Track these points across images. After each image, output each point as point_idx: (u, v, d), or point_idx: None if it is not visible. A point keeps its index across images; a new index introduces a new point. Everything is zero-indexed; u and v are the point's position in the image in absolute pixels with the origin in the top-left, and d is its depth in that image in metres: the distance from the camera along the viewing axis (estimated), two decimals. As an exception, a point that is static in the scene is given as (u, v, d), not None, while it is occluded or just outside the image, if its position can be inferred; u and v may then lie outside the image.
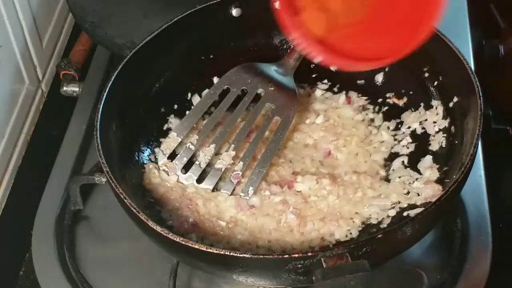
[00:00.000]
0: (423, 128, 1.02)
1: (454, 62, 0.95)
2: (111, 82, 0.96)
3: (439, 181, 0.94)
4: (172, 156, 1.02)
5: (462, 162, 0.87)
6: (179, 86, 1.09)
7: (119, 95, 0.98)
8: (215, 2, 1.08)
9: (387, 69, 1.08)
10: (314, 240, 0.92)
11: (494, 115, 1.14)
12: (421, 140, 1.01)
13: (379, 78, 1.10)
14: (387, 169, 1.00)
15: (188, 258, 0.85)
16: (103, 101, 0.94)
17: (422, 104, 1.04)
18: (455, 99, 0.98)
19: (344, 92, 1.10)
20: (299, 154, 1.04)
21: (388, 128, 1.05)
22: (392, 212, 0.93)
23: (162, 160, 1.02)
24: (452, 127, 0.98)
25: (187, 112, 1.06)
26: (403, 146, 1.02)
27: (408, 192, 0.95)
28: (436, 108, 1.02)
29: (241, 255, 0.77)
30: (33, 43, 1.21)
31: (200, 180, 1.00)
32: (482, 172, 1.04)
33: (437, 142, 0.99)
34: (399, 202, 0.94)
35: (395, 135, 1.04)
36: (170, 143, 1.03)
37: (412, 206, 0.92)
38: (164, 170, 1.00)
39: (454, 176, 0.84)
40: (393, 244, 0.82)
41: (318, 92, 1.11)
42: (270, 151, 1.00)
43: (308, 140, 1.05)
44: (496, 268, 0.94)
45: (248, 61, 1.08)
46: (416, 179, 0.96)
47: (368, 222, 0.93)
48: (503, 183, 1.13)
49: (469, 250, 0.96)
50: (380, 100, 1.08)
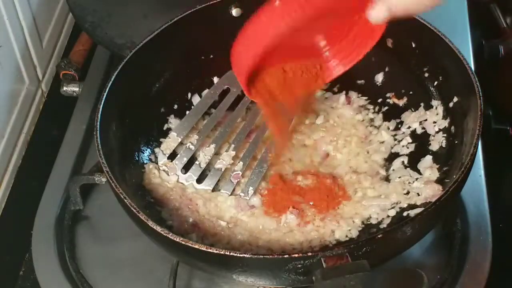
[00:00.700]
0: (423, 128, 1.02)
1: (454, 62, 0.95)
2: (111, 82, 0.96)
3: (439, 181, 0.94)
4: (172, 156, 1.02)
5: (462, 162, 0.87)
6: (179, 86, 1.09)
7: (119, 95, 0.98)
8: (215, 2, 1.08)
9: (387, 69, 1.08)
10: (314, 240, 0.92)
11: (494, 115, 1.14)
12: (421, 140, 1.01)
13: (379, 78, 1.10)
14: (387, 169, 1.00)
15: (188, 258, 0.84)
16: (103, 101, 0.94)
17: (422, 104, 1.04)
18: (455, 99, 0.98)
19: (344, 92, 1.10)
20: (299, 154, 1.04)
21: (388, 128, 1.05)
22: (392, 212, 0.93)
23: (162, 160, 1.02)
24: (452, 127, 0.98)
25: (187, 112, 1.06)
26: (403, 146, 1.02)
27: (408, 192, 0.95)
28: (436, 108, 1.02)
29: (241, 255, 0.77)
30: (33, 43, 1.21)
31: (200, 180, 1.00)
32: (482, 172, 1.04)
33: (437, 142, 0.99)
34: (399, 202, 0.94)
35: (395, 135, 1.04)
36: (170, 143, 1.03)
37: (412, 206, 0.92)
38: (164, 170, 1.00)
39: (454, 176, 0.84)
40: (393, 244, 0.82)
41: (318, 92, 1.11)
42: (270, 151, 1.00)
43: (307, 141, 1.05)
44: (496, 268, 0.94)
45: (248, 61, 1.08)
46: (416, 179, 0.96)
47: (368, 222, 0.94)
48: (503, 183, 1.13)
49: (469, 250, 0.96)
50: (380, 100, 1.08)
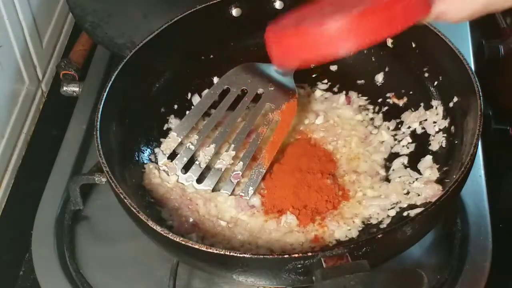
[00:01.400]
0: (423, 128, 1.02)
1: (454, 62, 0.95)
2: (111, 82, 0.96)
3: (439, 181, 0.94)
4: (172, 156, 1.02)
5: (462, 162, 0.87)
6: (179, 86, 1.09)
7: (119, 95, 0.98)
8: (215, 2, 1.08)
9: (387, 69, 1.08)
10: (314, 240, 0.92)
11: (494, 115, 1.14)
12: (421, 140, 1.01)
13: (379, 78, 1.10)
14: (387, 169, 1.00)
15: (188, 258, 0.84)
16: (103, 101, 0.94)
17: (422, 104, 1.04)
18: (455, 99, 0.98)
19: (344, 92, 1.10)
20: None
21: (388, 128, 1.05)
22: (392, 212, 0.93)
23: (162, 160, 1.02)
24: (452, 127, 0.98)
25: (187, 112, 1.06)
26: (403, 146, 1.02)
27: (408, 192, 0.95)
28: (436, 108, 1.02)
29: (241, 255, 0.77)
30: (33, 43, 1.21)
31: (200, 180, 1.00)
32: (482, 172, 1.04)
33: (437, 142, 0.99)
34: (399, 202, 0.94)
35: (395, 135, 1.04)
36: (170, 143, 1.03)
37: (412, 206, 0.92)
38: (164, 170, 1.00)
39: (454, 176, 0.84)
40: (393, 244, 0.82)
41: (318, 93, 1.11)
42: (270, 151, 1.00)
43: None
44: (496, 268, 0.94)
45: (248, 61, 1.08)
46: (416, 179, 0.96)
47: (368, 222, 0.94)
48: (503, 183, 1.13)
49: (469, 250, 0.96)
50: (380, 100, 1.08)
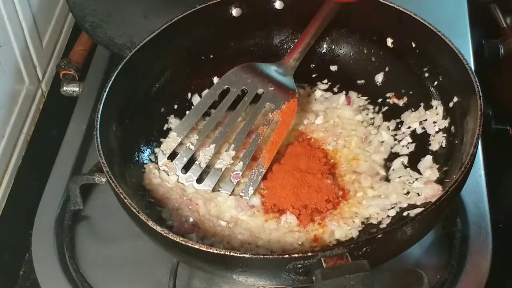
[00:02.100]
0: (423, 128, 1.02)
1: (454, 62, 0.95)
2: (111, 82, 0.96)
3: (439, 181, 0.94)
4: (172, 156, 1.02)
5: (462, 162, 0.87)
6: (179, 86, 1.09)
7: (119, 95, 0.98)
8: (215, 2, 1.08)
9: (387, 69, 1.08)
10: (314, 240, 0.92)
11: (494, 115, 1.15)
12: (421, 140, 1.01)
13: (379, 78, 1.10)
14: (387, 169, 1.00)
15: (188, 258, 0.84)
16: (103, 101, 0.94)
17: (422, 104, 1.04)
18: (455, 99, 0.98)
19: (344, 92, 1.10)
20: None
21: (388, 128, 1.05)
22: (392, 212, 0.93)
23: (162, 160, 1.02)
24: (452, 127, 0.98)
25: (187, 112, 1.06)
26: (403, 146, 1.02)
27: (408, 192, 0.95)
28: (436, 108, 1.02)
29: (241, 255, 0.77)
30: (33, 43, 1.21)
31: (200, 180, 1.00)
32: (482, 172, 1.04)
33: (437, 142, 0.99)
34: (399, 202, 0.94)
35: (395, 135, 1.04)
36: (170, 143, 1.03)
37: (412, 206, 0.92)
38: (164, 170, 1.00)
39: (454, 176, 0.84)
40: (393, 244, 0.82)
41: (318, 93, 1.11)
42: (269, 151, 1.00)
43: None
44: (496, 268, 0.94)
45: (248, 61, 1.08)
46: (416, 179, 0.96)
47: (368, 222, 0.93)
48: (503, 183, 1.13)
49: (469, 250, 0.96)
50: (380, 100, 1.08)
